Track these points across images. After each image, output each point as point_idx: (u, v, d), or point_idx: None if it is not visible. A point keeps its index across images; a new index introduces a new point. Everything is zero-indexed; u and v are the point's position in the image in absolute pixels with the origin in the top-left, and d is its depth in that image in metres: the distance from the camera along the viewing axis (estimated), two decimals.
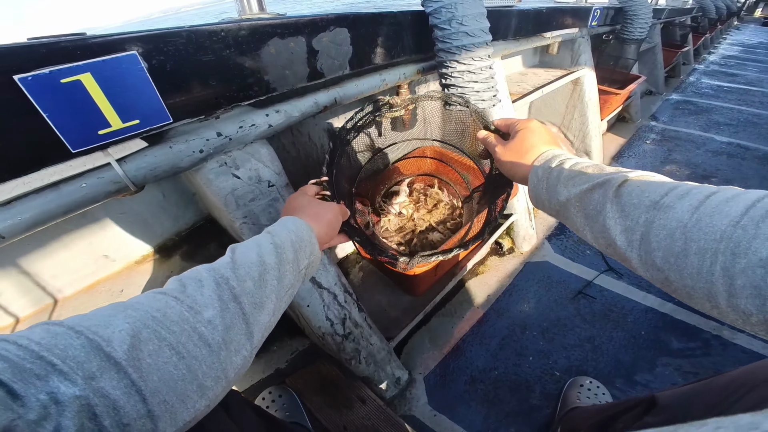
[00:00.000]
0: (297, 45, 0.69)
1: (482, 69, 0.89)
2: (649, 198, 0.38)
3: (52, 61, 0.45)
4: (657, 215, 0.36)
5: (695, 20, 4.31)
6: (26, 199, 0.50)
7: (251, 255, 0.43)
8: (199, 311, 0.34)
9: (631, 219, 0.39)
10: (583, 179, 0.46)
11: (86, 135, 0.50)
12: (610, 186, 0.42)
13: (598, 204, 0.43)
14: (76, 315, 0.30)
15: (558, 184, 0.49)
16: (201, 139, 0.61)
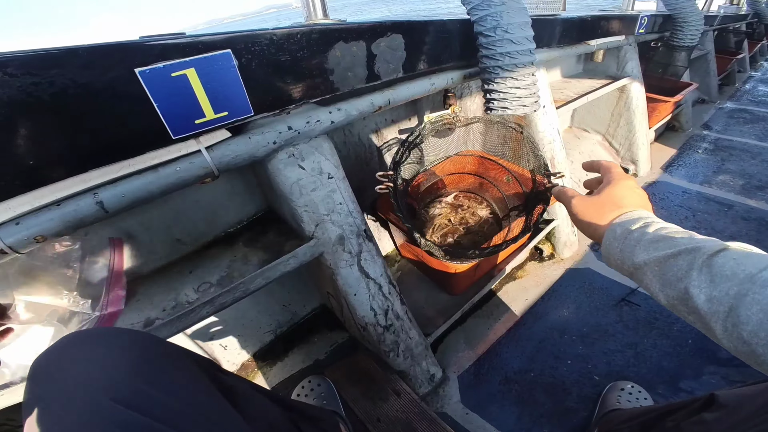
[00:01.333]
0: (358, 49, 0.78)
1: (525, 75, 0.95)
2: (745, 271, 0.37)
3: (166, 56, 0.55)
4: (752, 289, 0.35)
5: (750, 26, 4.19)
6: (130, 179, 0.59)
7: None
8: None
9: (719, 289, 0.38)
10: (668, 244, 0.45)
11: (185, 123, 0.60)
12: (701, 254, 0.41)
13: (681, 270, 0.42)
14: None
15: (637, 246, 0.48)
16: (275, 132, 0.71)
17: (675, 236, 0.46)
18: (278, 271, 0.73)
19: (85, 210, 0.55)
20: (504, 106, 0.95)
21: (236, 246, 0.82)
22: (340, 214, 0.81)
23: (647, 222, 0.50)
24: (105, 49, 0.50)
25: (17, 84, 0.45)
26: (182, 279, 0.74)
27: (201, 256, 0.81)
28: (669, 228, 0.48)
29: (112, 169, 0.58)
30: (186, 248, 0.82)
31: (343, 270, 0.83)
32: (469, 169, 1.33)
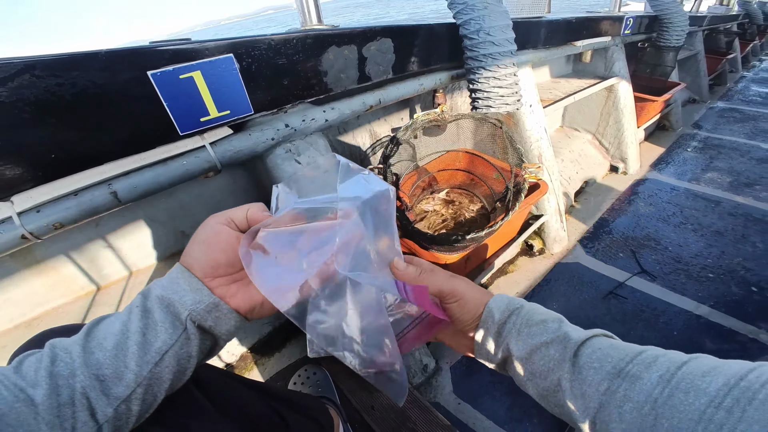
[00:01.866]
0: (350, 52, 0.85)
1: (506, 75, 1.03)
2: (612, 363, 0.36)
3: (175, 60, 0.62)
4: (621, 385, 0.35)
5: (742, 27, 4.30)
6: (142, 172, 0.66)
7: (115, 324, 0.37)
8: (24, 389, 0.32)
9: (588, 384, 0.37)
10: (540, 330, 0.43)
11: (192, 121, 0.67)
12: (570, 344, 0.40)
13: (553, 361, 0.40)
14: None
15: (512, 331, 0.45)
16: (273, 129, 0.78)
17: (547, 322, 0.44)
18: None
19: (100, 200, 0.61)
20: (488, 104, 1.02)
21: None
22: None
23: (520, 303, 0.47)
24: (121, 54, 0.57)
25: (43, 85, 0.52)
26: None
27: None
28: (540, 309, 0.46)
29: (125, 163, 0.64)
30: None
31: None
32: (460, 166, 1.40)
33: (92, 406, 0.34)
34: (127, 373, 0.36)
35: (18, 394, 0.32)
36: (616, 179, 2.20)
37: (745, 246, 1.67)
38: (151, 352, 0.37)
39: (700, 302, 1.39)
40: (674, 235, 1.74)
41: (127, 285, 0.81)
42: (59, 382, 0.34)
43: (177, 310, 0.38)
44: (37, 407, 0.32)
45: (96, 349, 0.36)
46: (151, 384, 0.37)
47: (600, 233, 1.76)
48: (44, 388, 0.33)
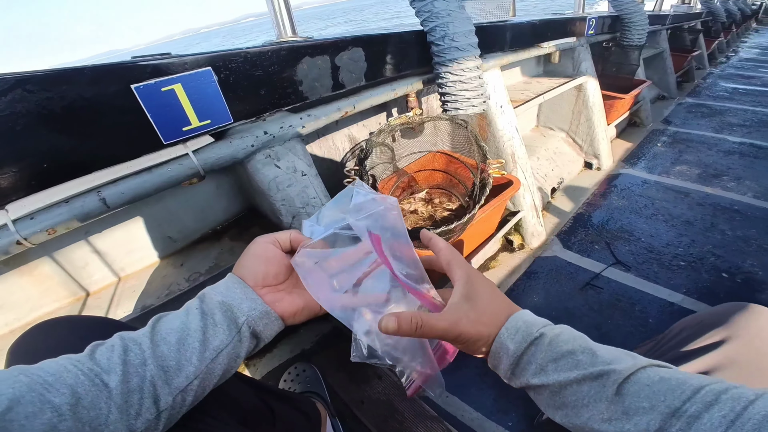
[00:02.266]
0: (323, 62, 0.91)
1: (471, 78, 1.11)
2: (666, 402, 0.33)
3: (157, 74, 0.67)
4: (675, 425, 0.32)
5: (706, 24, 4.52)
6: (128, 179, 0.71)
7: (175, 322, 0.43)
8: (99, 374, 0.36)
9: (634, 423, 0.34)
10: (570, 365, 0.40)
11: (174, 130, 0.72)
12: (610, 381, 0.37)
13: (587, 398, 0.38)
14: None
15: (530, 364, 0.43)
16: (252, 136, 0.83)
17: (576, 353, 0.41)
18: None
19: (91, 206, 0.66)
20: (456, 106, 1.10)
21: (223, 240, 0.93)
22: (314, 206, 0.93)
23: (538, 330, 0.45)
24: (106, 68, 0.62)
25: (35, 99, 0.56)
26: (174, 271, 0.85)
27: (191, 250, 0.92)
28: (564, 334, 0.44)
29: (113, 171, 0.69)
30: (177, 245, 0.93)
31: None
32: (438, 167, 1.47)
33: (156, 393, 0.38)
34: (188, 366, 0.40)
35: (94, 379, 0.35)
36: (590, 175, 2.30)
37: (714, 234, 1.77)
38: (210, 350, 0.42)
39: (673, 290, 1.47)
40: (646, 227, 1.83)
41: (116, 290, 0.84)
42: (130, 370, 0.37)
43: (235, 315, 0.44)
44: (110, 392, 0.35)
45: (161, 342, 0.40)
46: (205, 378, 0.42)
47: (576, 227, 1.84)
48: (118, 375, 0.36)
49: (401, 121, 1.07)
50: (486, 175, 0.98)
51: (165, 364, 0.39)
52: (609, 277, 1.54)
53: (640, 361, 0.38)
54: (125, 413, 0.36)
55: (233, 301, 0.45)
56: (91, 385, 0.35)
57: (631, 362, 0.38)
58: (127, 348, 0.39)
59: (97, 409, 0.34)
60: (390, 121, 1.06)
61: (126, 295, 0.79)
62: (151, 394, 0.38)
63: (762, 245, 1.69)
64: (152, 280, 0.83)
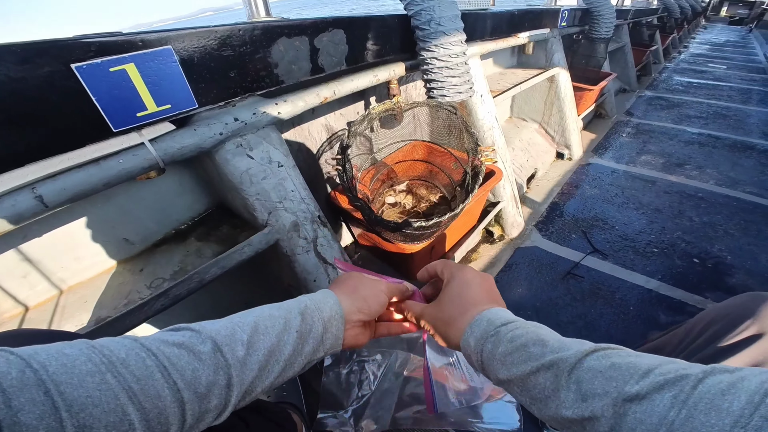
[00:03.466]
0: (301, 44, 0.81)
1: (458, 65, 1.03)
2: (616, 386, 0.34)
3: (104, 53, 0.55)
4: (630, 408, 0.32)
5: (661, 20, 4.65)
6: (70, 173, 0.58)
7: (270, 336, 0.44)
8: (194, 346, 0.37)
9: (591, 410, 0.34)
10: (523, 357, 0.41)
11: (126, 116, 0.60)
12: (561, 369, 0.38)
13: (547, 390, 0.38)
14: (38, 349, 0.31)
15: (493, 360, 0.44)
16: (221, 123, 0.72)
17: (528, 346, 0.41)
18: (233, 260, 0.74)
19: (24, 205, 0.53)
20: (442, 93, 1.02)
21: (189, 241, 0.81)
22: (293, 201, 0.83)
23: (496, 328, 0.45)
24: (40, 46, 0.50)
25: None
26: (133, 277, 0.73)
27: (152, 253, 0.79)
28: (519, 329, 0.44)
29: (51, 163, 0.56)
30: (135, 247, 0.80)
31: (300, 256, 0.84)
32: (419, 157, 1.39)
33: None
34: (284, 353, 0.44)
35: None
36: (562, 165, 2.29)
37: (682, 221, 1.79)
38: (304, 354, 0.46)
39: (649, 276, 1.46)
40: (619, 215, 1.83)
41: (63, 302, 0.71)
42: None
43: (321, 345, 0.48)
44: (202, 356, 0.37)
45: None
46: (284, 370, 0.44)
47: (553, 216, 1.82)
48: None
49: (384, 107, 0.98)
50: (478, 163, 0.92)
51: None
52: (588, 265, 1.52)
53: (587, 346, 0.39)
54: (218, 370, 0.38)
55: (326, 333, 0.49)
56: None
57: (577, 348, 0.39)
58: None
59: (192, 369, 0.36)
60: (372, 109, 0.97)
61: (76, 306, 0.66)
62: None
63: (728, 230, 1.72)
64: (107, 288, 0.70)
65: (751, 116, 3.14)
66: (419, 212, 1.33)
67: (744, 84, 4.20)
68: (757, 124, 2.97)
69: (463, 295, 0.52)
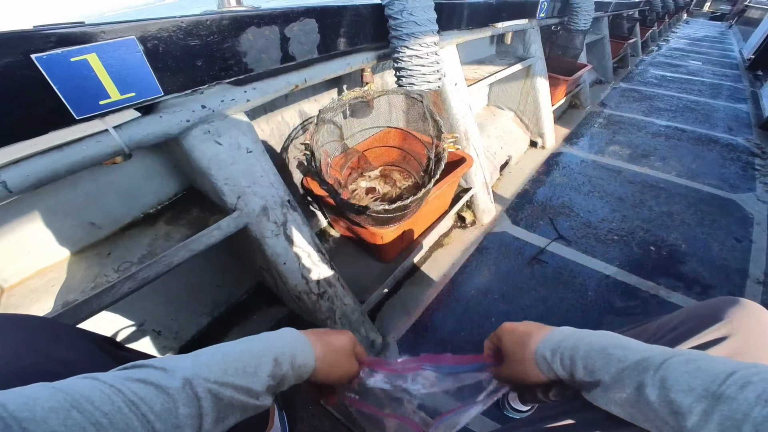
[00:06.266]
0: (271, 33, 0.80)
1: (428, 54, 1.02)
2: (703, 386, 0.36)
3: (65, 43, 0.54)
4: (716, 406, 0.34)
5: (642, 14, 4.64)
6: (33, 159, 0.58)
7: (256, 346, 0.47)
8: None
9: (678, 406, 0.37)
10: (605, 361, 0.45)
11: (89, 104, 0.59)
12: (646, 370, 0.40)
13: (629, 389, 0.42)
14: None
15: (574, 364, 0.48)
16: (188, 111, 0.71)
17: (607, 348, 0.46)
18: (202, 243, 0.74)
19: None
20: (411, 82, 1.02)
21: (158, 225, 0.81)
22: (262, 185, 0.83)
23: (566, 335, 0.52)
24: None
25: None
26: (100, 261, 0.73)
27: (120, 237, 0.79)
28: (593, 338, 0.49)
29: (13, 150, 0.56)
30: (102, 231, 0.80)
31: (269, 240, 0.85)
32: (394, 143, 1.40)
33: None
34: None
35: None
36: (535, 153, 2.31)
37: (642, 210, 1.84)
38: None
39: (608, 263, 1.51)
40: (584, 203, 1.88)
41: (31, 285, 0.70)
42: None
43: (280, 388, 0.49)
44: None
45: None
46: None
47: (523, 203, 1.85)
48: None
49: (355, 94, 0.98)
50: (441, 149, 0.93)
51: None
52: (552, 251, 1.57)
53: (667, 349, 0.42)
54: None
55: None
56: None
57: (660, 350, 0.42)
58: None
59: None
60: (342, 95, 0.96)
61: (43, 290, 0.66)
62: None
63: (684, 220, 1.78)
64: (74, 272, 0.70)
65: (719, 111, 3.20)
66: (392, 198, 1.34)
67: (716, 79, 4.26)
68: (723, 118, 3.03)
69: (521, 333, 0.57)
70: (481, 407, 0.62)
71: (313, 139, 0.84)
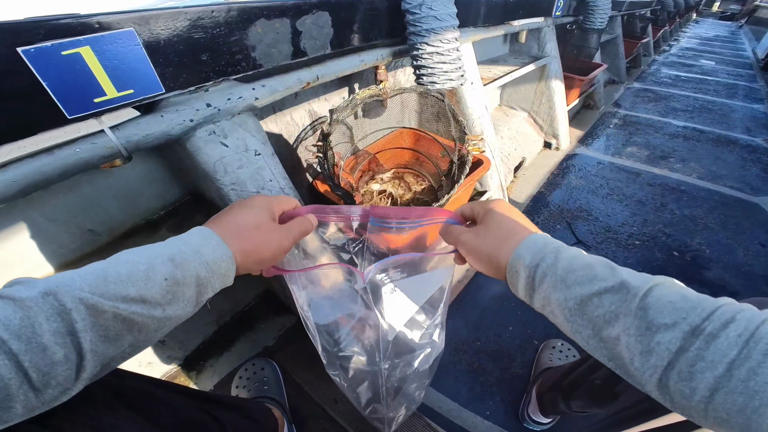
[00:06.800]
0: (282, 26, 0.74)
1: (450, 51, 0.96)
2: (687, 320, 0.32)
3: (56, 35, 0.48)
4: (694, 344, 0.31)
5: (654, 13, 4.54)
6: (21, 163, 0.52)
7: (126, 284, 0.36)
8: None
9: (657, 342, 0.33)
10: (588, 276, 0.39)
11: (82, 102, 0.53)
12: (630, 295, 0.35)
13: (609, 314, 0.36)
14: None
15: (549, 277, 0.41)
16: (191, 109, 0.65)
17: (594, 266, 0.39)
18: None
19: None
20: (432, 80, 0.96)
21: (160, 233, 0.76)
22: (271, 191, 0.76)
23: (556, 246, 0.43)
24: None
25: None
26: None
27: (119, 245, 0.73)
28: (580, 251, 0.42)
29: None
30: (101, 239, 0.74)
31: None
32: (406, 144, 1.33)
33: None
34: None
35: None
36: (549, 155, 2.23)
37: (664, 213, 1.76)
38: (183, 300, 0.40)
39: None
40: (603, 206, 1.80)
41: None
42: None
43: (203, 293, 0.42)
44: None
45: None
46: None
47: (538, 207, 1.78)
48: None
49: (370, 92, 0.91)
50: (465, 152, 0.86)
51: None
52: None
53: (655, 276, 0.37)
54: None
55: (210, 283, 0.43)
56: None
57: (646, 276, 0.37)
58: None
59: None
60: (357, 94, 0.90)
61: None
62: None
63: (707, 224, 1.70)
64: None
65: (736, 111, 3.10)
66: (404, 200, 1.27)
67: (731, 79, 4.14)
68: (741, 119, 2.94)
69: (509, 221, 0.48)
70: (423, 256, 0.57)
71: (326, 140, 0.77)
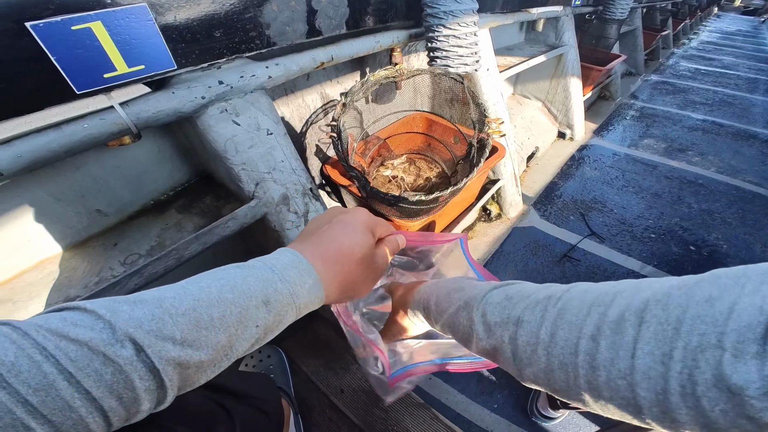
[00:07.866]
0: (298, 3, 0.70)
1: (467, 35, 0.91)
2: (509, 314, 0.37)
3: (66, 9, 0.46)
4: (516, 331, 0.35)
5: (675, 6, 4.37)
6: (27, 138, 0.50)
7: (217, 333, 0.31)
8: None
9: (496, 338, 0.37)
10: (449, 302, 0.46)
11: (92, 78, 0.51)
12: (471, 306, 0.41)
13: (466, 327, 0.42)
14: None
15: (431, 309, 0.49)
16: (203, 86, 0.62)
17: (451, 292, 0.47)
18: (216, 235, 0.65)
19: None
20: (446, 63, 0.91)
21: (168, 213, 0.73)
22: (283, 172, 0.74)
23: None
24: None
25: None
26: (106, 253, 0.65)
27: (127, 226, 0.71)
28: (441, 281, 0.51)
29: (4, 128, 0.48)
30: (109, 219, 0.71)
31: (289, 232, 0.76)
32: (419, 129, 1.29)
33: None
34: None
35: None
36: (563, 145, 2.17)
37: (681, 207, 1.70)
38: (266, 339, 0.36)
39: (645, 262, 1.39)
40: (618, 198, 1.74)
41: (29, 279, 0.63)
42: None
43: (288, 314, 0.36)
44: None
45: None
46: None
47: (552, 197, 1.73)
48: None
49: (386, 73, 0.87)
50: (485, 135, 0.82)
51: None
52: (584, 248, 1.45)
53: (492, 284, 0.43)
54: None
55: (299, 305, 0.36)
56: None
57: (485, 287, 0.43)
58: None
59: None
60: (372, 75, 0.86)
61: (44, 284, 0.59)
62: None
63: (725, 219, 1.64)
64: (77, 265, 0.62)
65: (756, 105, 2.98)
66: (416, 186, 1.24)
67: (752, 73, 3.98)
68: (761, 113, 2.82)
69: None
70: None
71: (340, 119, 0.74)
